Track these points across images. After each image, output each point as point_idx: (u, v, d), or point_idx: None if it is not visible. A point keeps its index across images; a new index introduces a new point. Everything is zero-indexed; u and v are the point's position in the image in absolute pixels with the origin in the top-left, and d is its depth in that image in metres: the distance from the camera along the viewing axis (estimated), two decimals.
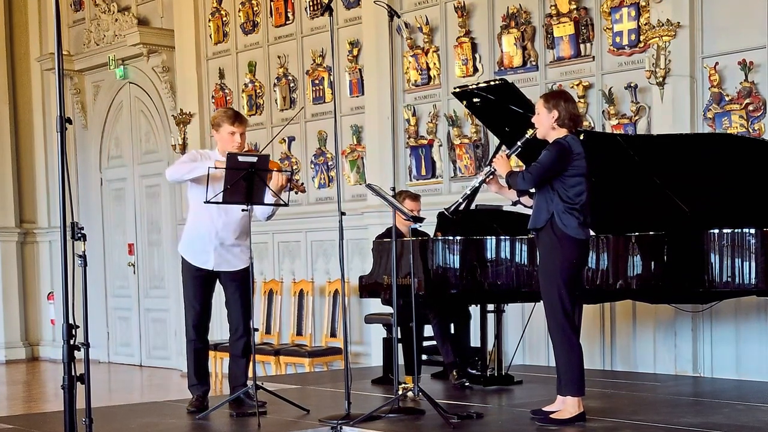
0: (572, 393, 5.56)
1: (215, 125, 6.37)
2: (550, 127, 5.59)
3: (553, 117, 5.57)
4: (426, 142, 9.15)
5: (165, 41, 11.54)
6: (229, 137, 6.28)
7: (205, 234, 6.29)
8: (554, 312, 5.55)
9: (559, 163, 5.50)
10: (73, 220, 4.38)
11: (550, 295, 5.56)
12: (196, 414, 6.19)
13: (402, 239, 6.62)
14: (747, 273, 5.82)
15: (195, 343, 6.41)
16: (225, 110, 6.53)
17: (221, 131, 6.31)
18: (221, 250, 6.29)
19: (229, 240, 6.30)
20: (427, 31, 9.08)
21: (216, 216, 6.26)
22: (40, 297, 13.58)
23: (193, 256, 6.34)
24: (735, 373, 7.26)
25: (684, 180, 6.33)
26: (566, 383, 5.58)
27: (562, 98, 5.64)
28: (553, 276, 5.53)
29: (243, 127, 6.33)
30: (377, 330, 8.58)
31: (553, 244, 5.54)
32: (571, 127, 5.60)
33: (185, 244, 6.41)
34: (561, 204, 5.51)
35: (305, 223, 10.14)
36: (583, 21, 8.05)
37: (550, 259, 5.56)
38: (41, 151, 13.48)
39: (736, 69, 7.19)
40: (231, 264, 6.33)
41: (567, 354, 5.55)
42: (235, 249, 6.32)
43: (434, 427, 5.65)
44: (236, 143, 6.27)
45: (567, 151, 5.52)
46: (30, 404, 9.36)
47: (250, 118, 10.79)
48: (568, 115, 5.56)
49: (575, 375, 5.55)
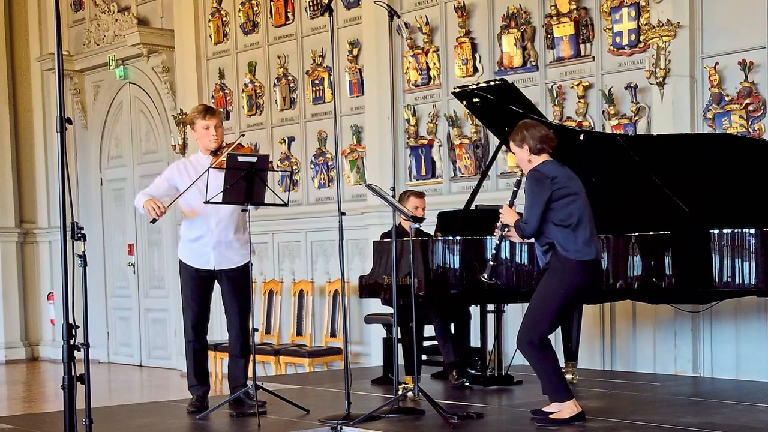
0: (560, 400, 5.57)
1: (190, 124, 6.40)
2: (527, 160, 5.61)
3: (526, 150, 5.59)
4: (426, 142, 9.15)
5: (165, 41, 11.54)
6: (204, 132, 6.30)
7: (201, 235, 6.30)
8: (530, 327, 5.53)
9: (541, 192, 5.46)
10: (73, 220, 4.38)
11: (536, 312, 5.54)
12: (197, 414, 6.19)
13: (402, 239, 6.62)
14: (747, 273, 5.82)
15: (194, 344, 6.42)
16: (196, 107, 6.61)
17: (197, 128, 6.34)
18: (221, 248, 6.30)
19: (227, 237, 6.31)
20: (427, 31, 9.08)
21: (209, 215, 6.27)
22: (40, 297, 13.57)
23: (194, 259, 6.35)
24: (735, 373, 7.26)
25: (684, 180, 6.33)
26: (551, 392, 5.59)
27: (523, 128, 5.65)
28: (550, 296, 5.52)
29: (216, 120, 6.33)
30: (377, 330, 8.58)
31: (563, 272, 5.51)
32: (546, 149, 5.59)
33: (184, 248, 6.42)
34: (556, 230, 5.50)
35: (305, 223, 10.15)
36: (583, 21, 8.05)
37: (554, 280, 5.53)
38: (41, 151, 13.48)
39: (736, 69, 7.19)
40: (231, 260, 6.34)
41: (541, 366, 5.56)
42: (235, 244, 6.33)
43: (434, 427, 5.65)
44: (212, 136, 6.29)
45: (541, 176, 5.50)
46: (30, 404, 9.35)
47: (250, 118, 10.80)
48: (537, 140, 5.56)
49: (555, 383, 5.55)
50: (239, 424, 5.97)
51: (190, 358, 6.43)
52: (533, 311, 5.57)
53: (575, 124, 7.96)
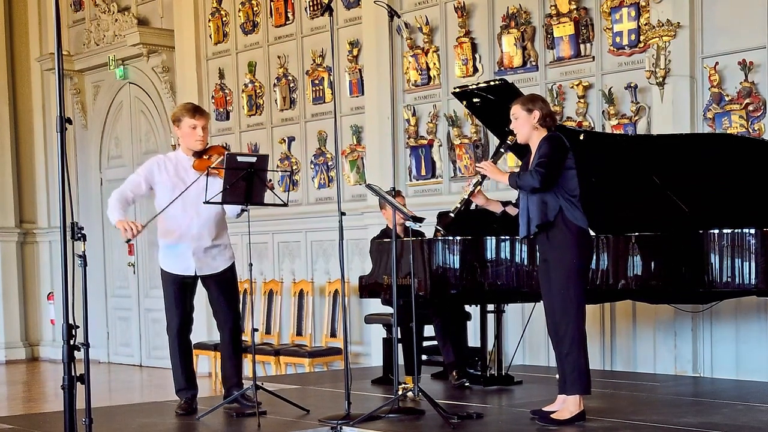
0: (579, 391, 5.53)
1: (176, 120, 6.23)
2: (532, 128, 5.62)
3: (534, 117, 5.60)
4: (426, 142, 9.15)
5: (165, 41, 11.54)
6: (190, 131, 6.17)
7: (181, 241, 6.19)
8: (566, 309, 5.49)
9: (562, 155, 5.52)
10: (73, 220, 4.38)
11: (564, 293, 5.49)
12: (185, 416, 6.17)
13: (402, 239, 6.62)
14: (747, 273, 5.82)
15: (181, 348, 6.36)
16: (185, 104, 6.44)
17: (182, 126, 6.20)
18: (201, 254, 6.21)
19: (206, 242, 6.21)
20: (427, 31, 9.08)
21: (190, 220, 6.17)
22: (40, 297, 13.57)
23: (174, 265, 6.24)
24: (735, 373, 7.26)
25: (684, 180, 6.33)
26: (572, 382, 5.53)
27: (539, 99, 5.73)
28: (570, 272, 5.50)
29: (204, 120, 6.21)
30: (377, 330, 8.58)
31: (567, 240, 5.50)
32: (550, 125, 5.65)
33: (163, 255, 6.30)
34: (564, 200, 5.52)
35: (305, 223, 10.14)
36: (583, 21, 8.05)
37: (566, 255, 5.51)
38: (41, 151, 13.48)
39: (736, 69, 7.19)
40: (212, 266, 6.26)
41: (578, 352, 5.52)
42: (214, 250, 6.24)
43: (434, 427, 5.65)
44: (198, 137, 6.17)
45: (563, 144, 5.56)
46: (30, 404, 9.35)
47: (250, 118, 10.80)
48: (547, 113, 5.63)
49: (583, 373, 5.53)
50: (239, 424, 5.97)
51: (177, 361, 6.37)
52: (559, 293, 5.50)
53: (575, 124, 7.96)
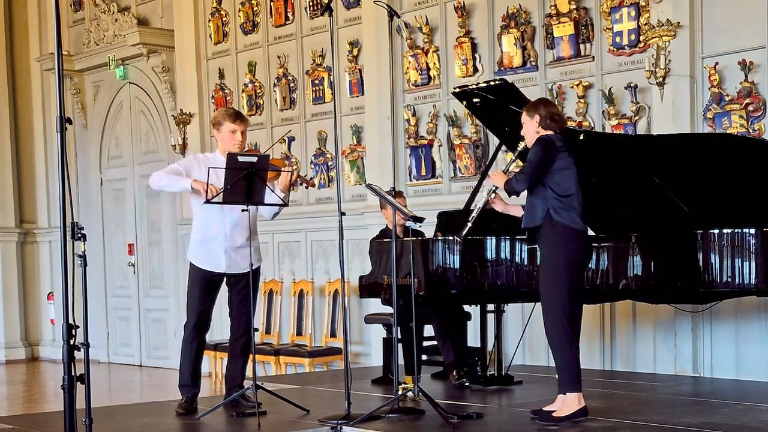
0: (570, 389, 5.59)
1: (216, 124, 6.40)
2: (535, 132, 5.75)
3: (536, 121, 5.74)
4: (426, 142, 9.15)
5: (165, 41, 11.54)
6: (230, 135, 6.32)
7: (215, 237, 6.30)
8: (552, 308, 5.59)
9: (546, 157, 5.61)
10: (73, 220, 4.38)
11: (550, 292, 5.60)
12: (185, 417, 6.18)
13: (402, 239, 6.62)
14: (747, 273, 5.82)
15: (195, 344, 6.41)
16: (226, 109, 6.60)
17: (222, 130, 6.35)
18: (231, 253, 6.31)
19: (238, 242, 6.32)
20: (427, 31, 9.08)
21: (225, 218, 6.27)
22: (40, 297, 13.57)
23: (205, 261, 6.34)
24: (735, 373, 7.26)
25: (684, 180, 6.33)
26: (563, 379, 5.61)
27: (541, 103, 5.88)
28: (558, 273, 5.58)
29: (244, 126, 6.38)
30: (377, 330, 8.58)
31: (555, 240, 5.59)
32: (554, 127, 5.74)
33: (195, 249, 6.40)
34: (555, 198, 5.59)
35: (305, 223, 10.14)
36: (583, 21, 8.05)
37: (554, 256, 5.60)
38: (41, 151, 13.48)
39: (736, 69, 7.19)
40: (240, 266, 6.33)
41: (563, 350, 5.59)
42: (245, 250, 6.30)
43: (434, 427, 5.65)
44: (237, 141, 6.32)
45: (550, 144, 5.64)
46: (30, 404, 9.35)
47: (250, 118, 10.80)
48: (548, 115, 5.73)
49: (572, 371, 5.59)
50: (239, 424, 5.97)
51: (187, 356, 6.40)
52: (547, 292, 5.63)
53: (575, 124, 7.96)
